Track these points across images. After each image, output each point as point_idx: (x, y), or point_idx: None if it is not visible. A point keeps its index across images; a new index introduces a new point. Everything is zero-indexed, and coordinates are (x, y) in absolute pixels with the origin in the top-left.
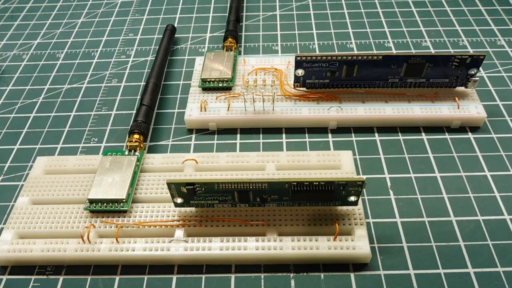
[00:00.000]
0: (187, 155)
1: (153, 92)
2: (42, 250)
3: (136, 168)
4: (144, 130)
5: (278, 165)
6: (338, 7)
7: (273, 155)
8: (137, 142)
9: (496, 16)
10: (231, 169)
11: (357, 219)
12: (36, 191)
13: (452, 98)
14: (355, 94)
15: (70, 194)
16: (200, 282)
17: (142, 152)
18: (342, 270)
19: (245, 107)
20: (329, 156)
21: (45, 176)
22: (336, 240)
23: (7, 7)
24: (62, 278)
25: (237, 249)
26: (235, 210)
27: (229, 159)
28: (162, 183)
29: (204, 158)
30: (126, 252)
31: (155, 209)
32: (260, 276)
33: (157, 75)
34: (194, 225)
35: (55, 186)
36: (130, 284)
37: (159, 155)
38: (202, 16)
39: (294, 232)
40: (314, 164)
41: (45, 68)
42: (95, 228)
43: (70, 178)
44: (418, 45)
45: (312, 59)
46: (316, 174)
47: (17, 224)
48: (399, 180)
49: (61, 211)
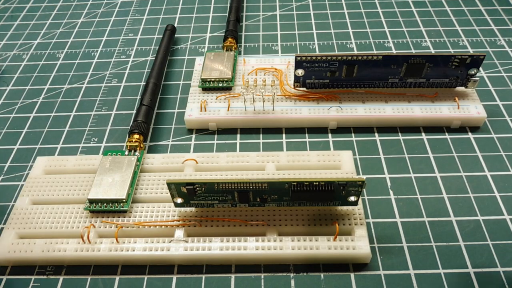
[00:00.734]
0: (187, 155)
1: (153, 92)
2: (42, 250)
3: (136, 168)
4: (144, 130)
5: (278, 165)
6: (338, 7)
7: (273, 155)
8: (137, 142)
9: (496, 16)
10: (231, 169)
11: (357, 219)
12: (36, 191)
13: (452, 98)
14: (355, 94)
15: (70, 194)
16: (200, 282)
17: (142, 152)
18: (342, 270)
19: (245, 107)
20: (329, 156)
21: (45, 176)
22: (336, 240)
23: (7, 7)
24: (62, 278)
25: (237, 249)
26: (235, 210)
27: (229, 159)
28: (162, 183)
29: (204, 158)
30: (126, 252)
31: (155, 209)
32: (260, 276)
33: (157, 75)
34: (194, 225)
35: (55, 186)
36: (130, 284)
37: (159, 155)
38: (202, 16)
39: (294, 232)
40: (314, 164)
41: (45, 68)
42: (95, 228)
43: (70, 178)
44: (418, 45)
45: (312, 59)
46: (316, 174)
47: (17, 224)
48: (399, 180)
49: (61, 211)
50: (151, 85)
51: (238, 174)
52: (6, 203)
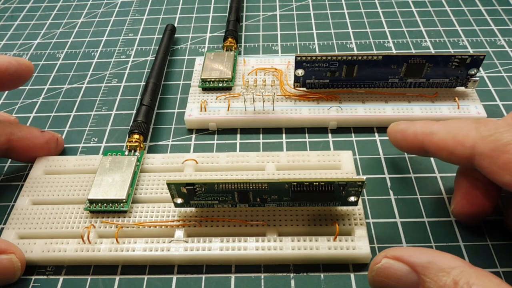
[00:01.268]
0: (187, 155)
1: (153, 92)
2: (42, 250)
3: (136, 168)
4: (144, 130)
5: (278, 165)
6: (338, 7)
7: (273, 155)
8: (137, 142)
9: (496, 16)
10: (231, 169)
11: (357, 219)
12: (36, 191)
13: (452, 98)
14: (355, 94)
15: (70, 194)
16: (200, 282)
17: (142, 152)
18: (342, 270)
19: (245, 107)
20: (329, 156)
21: (45, 176)
22: (336, 240)
23: (7, 7)
24: (62, 278)
25: (237, 249)
26: (235, 210)
27: (229, 159)
28: (162, 183)
29: (204, 158)
30: (126, 253)
31: (155, 209)
32: (260, 276)
33: (157, 75)
34: (194, 225)
35: (55, 186)
36: (130, 284)
37: (159, 155)
38: (202, 16)
39: (294, 232)
40: (314, 164)
41: (45, 68)
42: (95, 228)
43: (70, 178)
44: (418, 45)
45: (312, 59)
46: (316, 174)
47: (17, 225)
48: (399, 180)
49: (61, 211)
50: (151, 85)
51: (238, 174)
52: (6, 203)
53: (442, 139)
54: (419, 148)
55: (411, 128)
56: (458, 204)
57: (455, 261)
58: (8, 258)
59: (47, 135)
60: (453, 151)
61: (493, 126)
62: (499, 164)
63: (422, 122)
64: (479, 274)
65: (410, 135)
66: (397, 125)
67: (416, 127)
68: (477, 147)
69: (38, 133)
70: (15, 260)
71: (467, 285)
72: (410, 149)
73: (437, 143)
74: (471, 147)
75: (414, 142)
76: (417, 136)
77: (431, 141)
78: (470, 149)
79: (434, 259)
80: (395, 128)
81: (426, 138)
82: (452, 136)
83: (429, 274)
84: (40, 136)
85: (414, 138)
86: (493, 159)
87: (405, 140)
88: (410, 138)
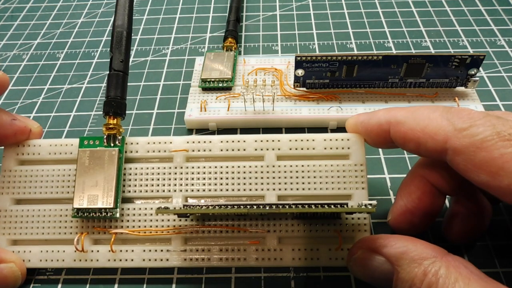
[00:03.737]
0: (174, 138)
1: (126, 47)
2: (40, 259)
3: (119, 163)
4: (118, 109)
5: (278, 154)
6: (338, 7)
7: (273, 139)
8: (114, 127)
9: (496, 16)
10: (226, 159)
11: (361, 230)
12: (15, 188)
13: (452, 98)
14: (355, 94)
15: (54, 192)
16: (200, 282)
17: (123, 139)
18: (342, 271)
19: (245, 107)
20: (337, 142)
21: (21, 167)
22: (338, 250)
23: (7, 7)
24: (62, 278)
25: (237, 260)
26: (232, 219)
27: (223, 145)
28: (150, 175)
29: (195, 144)
30: (125, 262)
31: (148, 212)
32: (260, 277)
33: (127, 19)
34: (191, 232)
35: (34, 181)
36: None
37: (143, 139)
38: (202, 16)
39: (295, 242)
40: (319, 152)
41: (45, 68)
42: (89, 234)
43: (49, 172)
44: (418, 45)
45: (312, 59)
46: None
47: (5, 229)
48: (399, 180)
49: (49, 214)
50: (122, 34)
51: (234, 173)
52: None
53: (409, 129)
54: (386, 140)
55: (373, 119)
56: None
57: (428, 251)
58: (9, 267)
59: (18, 126)
60: (422, 143)
61: (467, 117)
62: (475, 162)
63: (384, 110)
64: (449, 265)
65: (373, 126)
66: (356, 118)
67: (378, 116)
68: (450, 142)
69: (7, 121)
70: (15, 270)
71: (435, 277)
72: (377, 143)
73: (404, 134)
74: (443, 141)
75: (379, 133)
76: (382, 126)
77: (398, 131)
78: (441, 142)
79: (407, 248)
80: (353, 121)
81: (392, 128)
82: (421, 128)
83: (402, 265)
84: (8, 125)
85: (379, 128)
86: (468, 156)
87: (369, 134)
88: (374, 130)
